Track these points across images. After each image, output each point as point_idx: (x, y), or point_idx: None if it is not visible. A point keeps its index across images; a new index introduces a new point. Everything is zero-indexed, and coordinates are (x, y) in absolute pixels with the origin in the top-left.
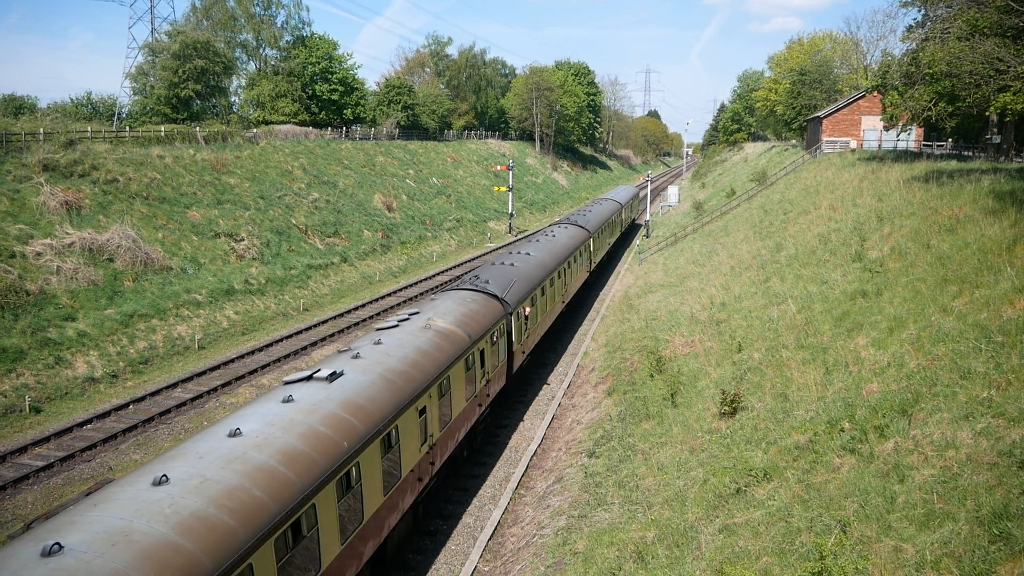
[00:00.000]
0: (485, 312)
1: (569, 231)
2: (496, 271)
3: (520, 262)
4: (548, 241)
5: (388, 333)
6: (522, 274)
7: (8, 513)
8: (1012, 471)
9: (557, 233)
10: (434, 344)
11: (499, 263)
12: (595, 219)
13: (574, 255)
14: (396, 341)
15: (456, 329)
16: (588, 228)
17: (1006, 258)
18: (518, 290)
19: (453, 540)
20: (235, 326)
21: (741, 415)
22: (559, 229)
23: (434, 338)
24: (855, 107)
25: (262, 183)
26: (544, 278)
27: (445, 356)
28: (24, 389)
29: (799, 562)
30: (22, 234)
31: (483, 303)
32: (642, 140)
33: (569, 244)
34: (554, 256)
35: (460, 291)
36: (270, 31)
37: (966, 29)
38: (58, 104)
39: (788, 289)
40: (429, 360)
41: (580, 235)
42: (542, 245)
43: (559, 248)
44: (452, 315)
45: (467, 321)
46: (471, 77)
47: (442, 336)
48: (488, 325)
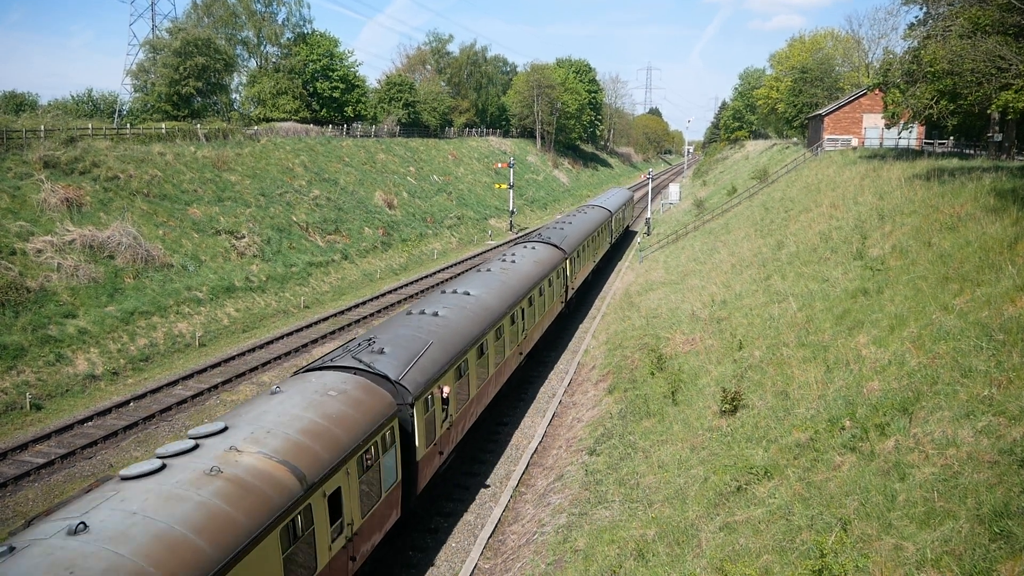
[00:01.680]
0: (355, 415)
1: (537, 253)
2: (403, 331)
3: (451, 311)
4: (502, 272)
5: (142, 485)
6: (447, 332)
7: (9, 510)
8: (1013, 469)
9: (520, 256)
10: (211, 515)
11: (418, 313)
12: (575, 233)
13: (540, 286)
14: (141, 518)
15: (275, 470)
16: (564, 247)
17: (1007, 256)
18: (431, 362)
19: (454, 537)
20: (236, 323)
21: (742, 413)
22: (523, 251)
23: (216, 501)
24: (856, 105)
25: (263, 180)
26: (485, 331)
27: (231, 538)
28: (25, 386)
29: (800, 560)
30: (23, 231)
31: (357, 397)
32: (643, 138)
33: (534, 272)
34: (507, 294)
35: (327, 372)
36: (271, 28)
37: (968, 27)
38: (59, 101)
39: (789, 287)
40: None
41: (552, 257)
42: (493, 278)
43: (518, 280)
44: (281, 436)
45: (306, 450)
46: (472, 75)
47: (237, 490)
48: (357, 438)
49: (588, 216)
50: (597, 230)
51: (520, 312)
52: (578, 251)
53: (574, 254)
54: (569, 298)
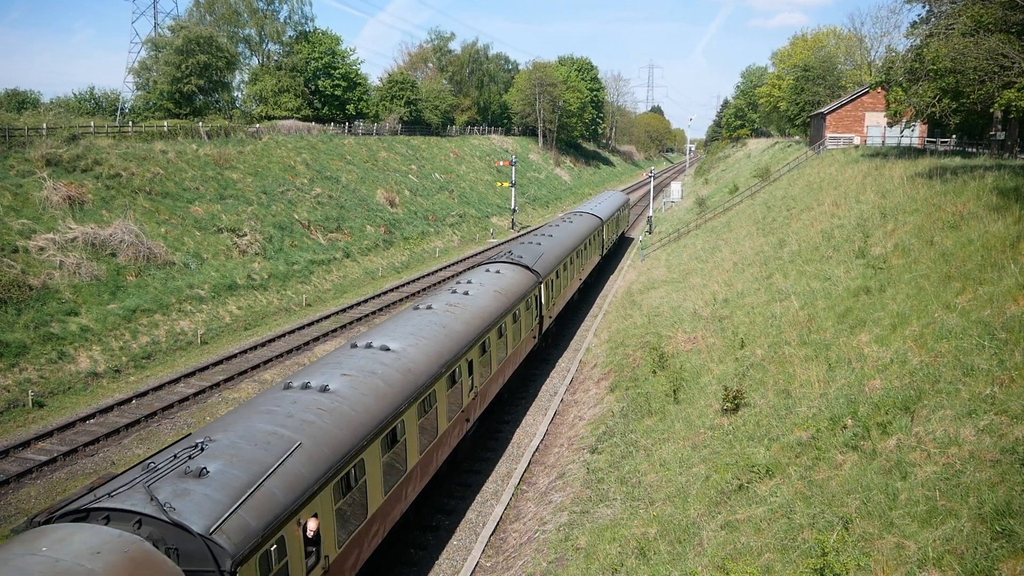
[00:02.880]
0: None
1: (501, 279)
2: (258, 426)
3: (351, 380)
4: (447, 311)
5: None
6: (332, 422)
7: (11, 507)
8: (1015, 468)
9: (477, 286)
10: None
11: (299, 386)
12: (555, 250)
13: (501, 324)
14: None
15: None
16: (537, 269)
17: (1010, 255)
18: (287, 486)
19: (455, 535)
20: (237, 321)
21: (743, 411)
22: (483, 277)
23: None
24: (859, 103)
25: (265, 178)
26: (401, 409)
27: None
28: (27, 384)
29: (801, 559)
30: (25, 229)
31: None
32: (645, 136)
33: (493, 307)
34: (448, 344)
35: (64, 529)
36: (273, 26)
37: (970, 25)
38: (61, 99)
39: (791, 285)
40: None
41: (521, 284)
42: (430, 322)
43: (468, 321)
44: None
45: None
46: (474, 72)
47: None
48: None
49: (573, 227)
50: (584, 243)
51: (467, 366)
52: (557, 271)
53: (551, 276)
54: (545, 330)
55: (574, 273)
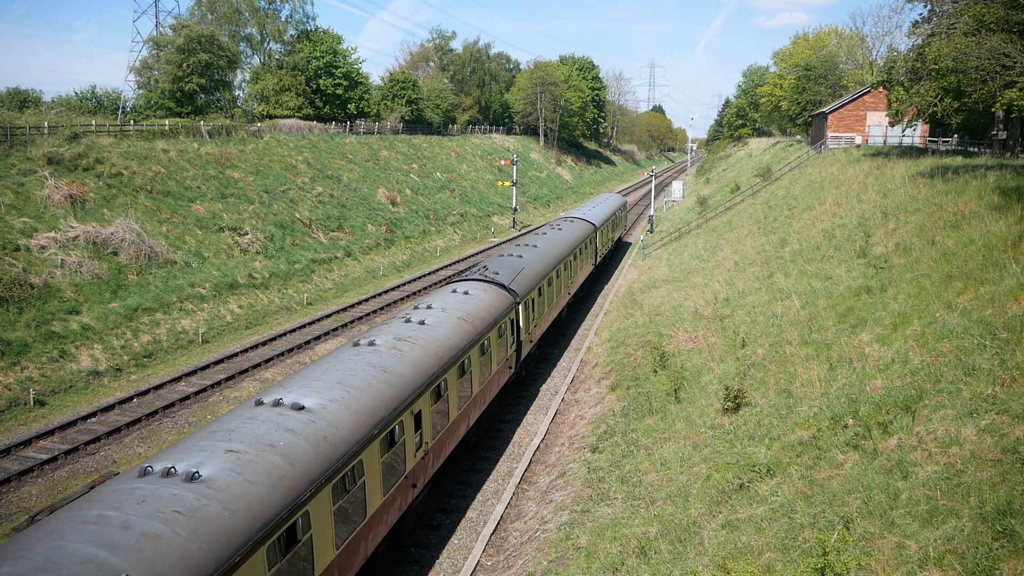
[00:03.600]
0: None
1: (469, 303)
2: None
3: (236, 465)
4: (392, 350)
5: None
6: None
7: (13, 506)
8: (1016, 468)
9: (438, 312)
10: None
11: (161, 472)
12: (537, 264)
13: (463, 360)
14: None
15: None
16: (515, 288)
17: (1011, 254)
18: None
19: (456, 534)
20: (239, 320)
21: (744, 411)
22: (447, 300)
23: None
24: (860, 103)
25: (266, 177)
26: (296, 505)
27: None
28: (28, 382)
29: (802, 558)
30: (26, 227)
31: None
32: (646, 135)
33: (453, 339)
34: (386, 397)
35: None
36: (274, 25)
37: (972, 24)
38: (62, 98)
39: (792, 285)
40: None
41: (493, 306)
42: (365, 365)
43: (418, 361)
44: None
45: None
46: (475, 71)
47: None
48: None
49: (562, 235)
50: (574, 252)
51: (414, 419)
52: (540, 287)
53: (532, 295)
54: (524, 357)
55: (561, 287)
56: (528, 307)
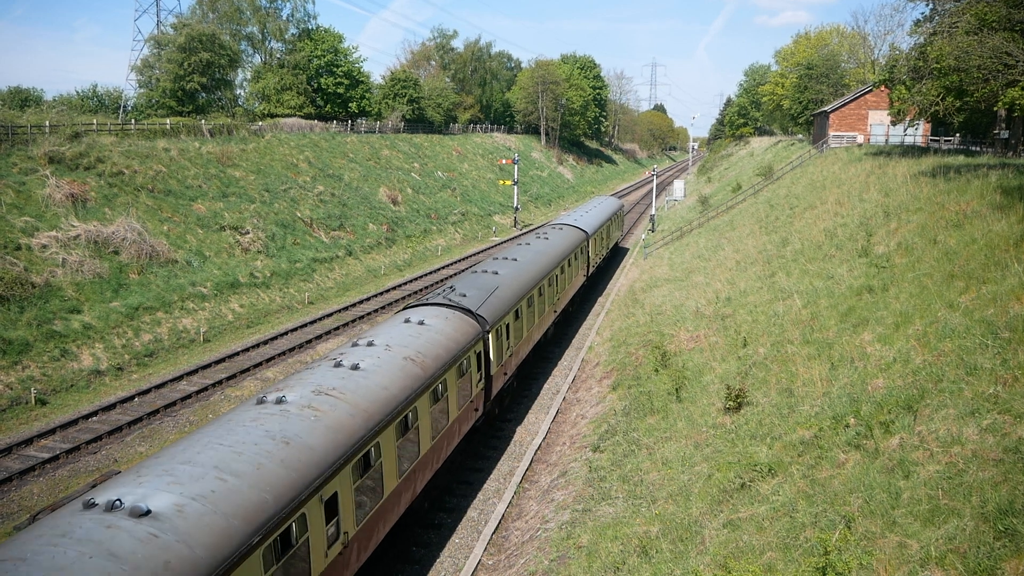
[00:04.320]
0: None
1: (424, 336)
2: None
3: None
4: (301, 412)
5: None
6: None
7: (14, 504)
8: (1018, 467)
9: (378, 353)
10: None
11: None
12: (514, 284)
13: (408, 413)
14: None
15: None
16: (483, 314)
17: (1013, 254)
18: None
19: (457, 534)
20: (240, 319)
21: (746, 410)
22: (395, 332)
23: None
24: (862, 102)
25: (267, 176)
26: None
27: None
28: (30, 381)
29: (803, 557)
30: (28, 226)
31: None
32: (648, 134)
33: (398, 389)
34: (288, 474)
35: None
36: (275, 24)
37: (974, 23)
38: (64, 97)
39: (794, 284)
40: None
41: (455, 338)
42: (270, 432)
43: (335, 428)
44: None
45: None
46: (476, 70)
47: None
48: None
49: (548, 245)
50: (561, 265)
51: (322, 509)
52: (518, 310)
53: (506, 320)
54: (496, 393)
55: (545, 306)
56: (501, 335)
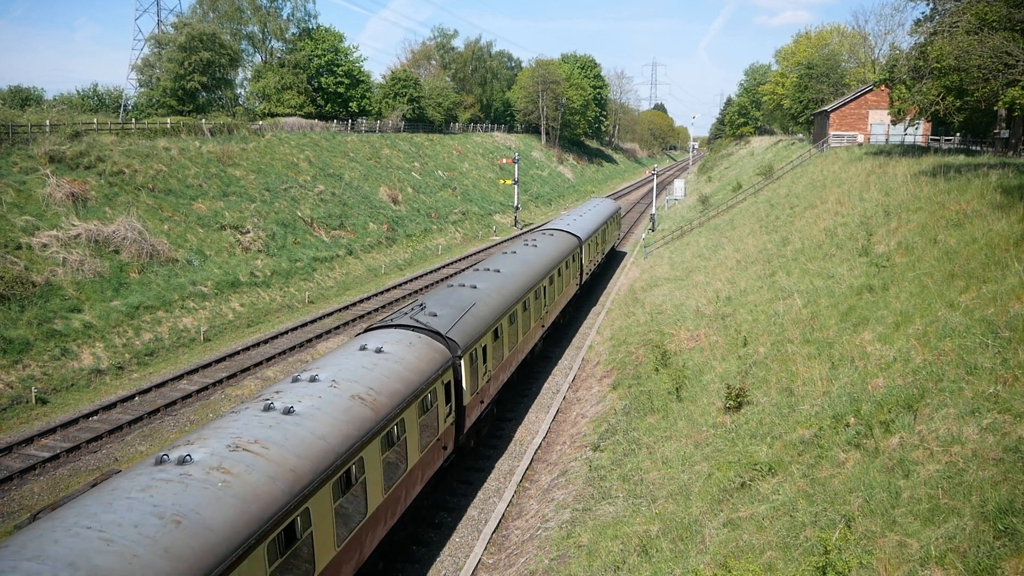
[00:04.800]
0: None
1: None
2: None
3: None
4: (208, 478)
5: None
6: None
7: (15, 503)
8: (1018, 467)
9: (320, 392)
10: None
11: None
12: (495, 299)
13: (354, 461)
14: None
15: None
16: (454, 338)
17: (1014, 253)
18: None
19: (458, 533)
20: (240, 318)
21: (746, 409)
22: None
23: None
24: (862, 101)
25: (268, 175)
26: None
27: None
28: (30, 380)
29: (803, 556)
30: (28, 226)
31: None
32: (648, 134)
33: (339, 439)
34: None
35: None
36: (276, 23)
37: (975, 23)
38: (64, 96)
39: (794, 283)
40: None
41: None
42: (157, 507)
43: (249, 498)
44: None
45: None
46: (477, 70)
47: None
48: None
49: (536, 254)
50: (550, 276)
51: None
52: (497, 329)
53: (482, 343)
54: (470, 424)
55: (531, 322)
56: (476, 359)
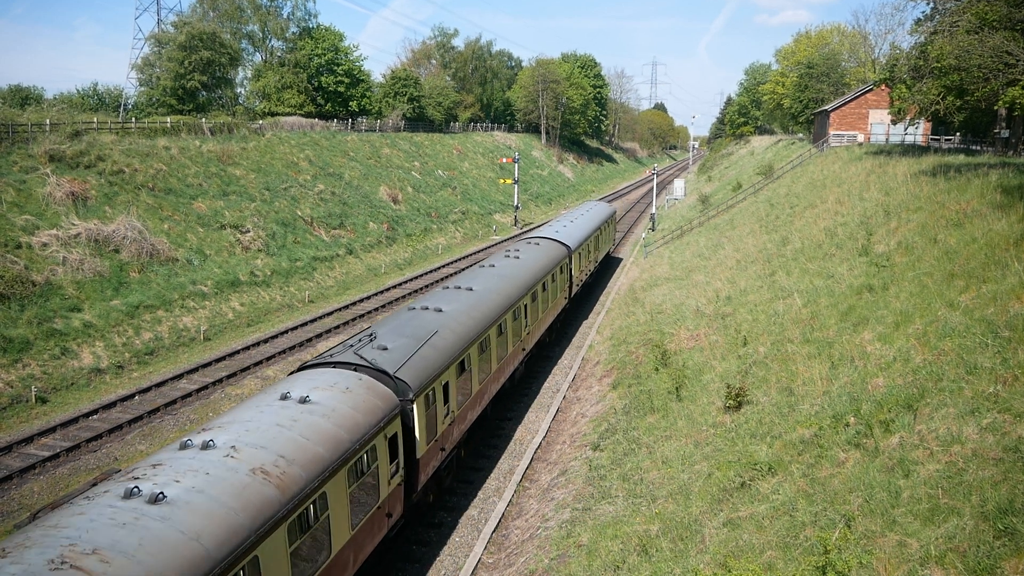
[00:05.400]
0: None
1: (297, 431)
2: None
3: None
4: None
5: None
6: None
7: (15, 503)
8: (1018, 467)
9: (217, 461)
10: None
11: None
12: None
13: (246, 561)
14: None
15: None
16: (407, 379)
17: (1013, 253)
18: None
19: (458, 532)
20: (240, 318)
21: (746, 409)
22: (259, 424)
23: None
24: (862, 101)
25: (268, 175)
26: None
27: None
28: (30, 379)
29: (803, 556)
30: (28, 225)
31: None
32: (648, 133)
33: (225, 532)
34: None
35: None
36: (276, 22)
37: (975, 22)
38: (64, 95)
39: (794, 283)
40: None
41: (352, 426)
42: None
43: None
44: None
45: None
46: (477, 69)
47: None
48: None
49: (518, 267)
50: (533, 291)
51: None
52: (464, 360)
53: (442, 380)
54: (427, 478)
55: (508, 346)
56: (434, 401)
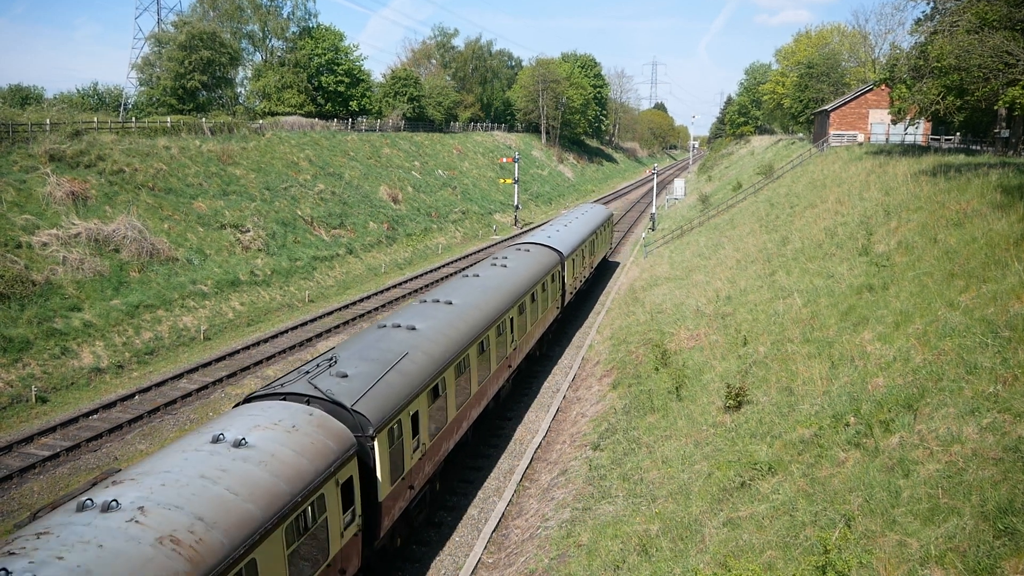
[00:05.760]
0: None
1: (225, 484)
2: None
3: None
4: None
5: None
6: None
7: (15, 502)
8: (1018, 467)
9: (127, 521)
10: None
11: None
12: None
13: None
14: None
15: None
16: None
17: (1013, 253)
18: None
19: (458, 532)
20: (240, 317)
21: (746, 409)
22: (184, 474)
23: None
24: (863, 100)
25: (268, 174)
26: None
27: None
28: (30, 379)
29: (803, 556)
30: (28, 224)
31: None
32: (648, 133)
33: None
34: None
35: None
36: (276, 22)
37: (975, 22)
38: (64, 95)
39: (794, 283)
40: None
41: (297, 475)
42: None
43: None
44: None
45: None
46: (477, 69)
47: None
48: None
49: (505, 276)
50: (520, 302)
51: None
52: (438, 385)
53: (410, 410)
54: (392, 522)
55: (491, 364)
56: (400, 435)
